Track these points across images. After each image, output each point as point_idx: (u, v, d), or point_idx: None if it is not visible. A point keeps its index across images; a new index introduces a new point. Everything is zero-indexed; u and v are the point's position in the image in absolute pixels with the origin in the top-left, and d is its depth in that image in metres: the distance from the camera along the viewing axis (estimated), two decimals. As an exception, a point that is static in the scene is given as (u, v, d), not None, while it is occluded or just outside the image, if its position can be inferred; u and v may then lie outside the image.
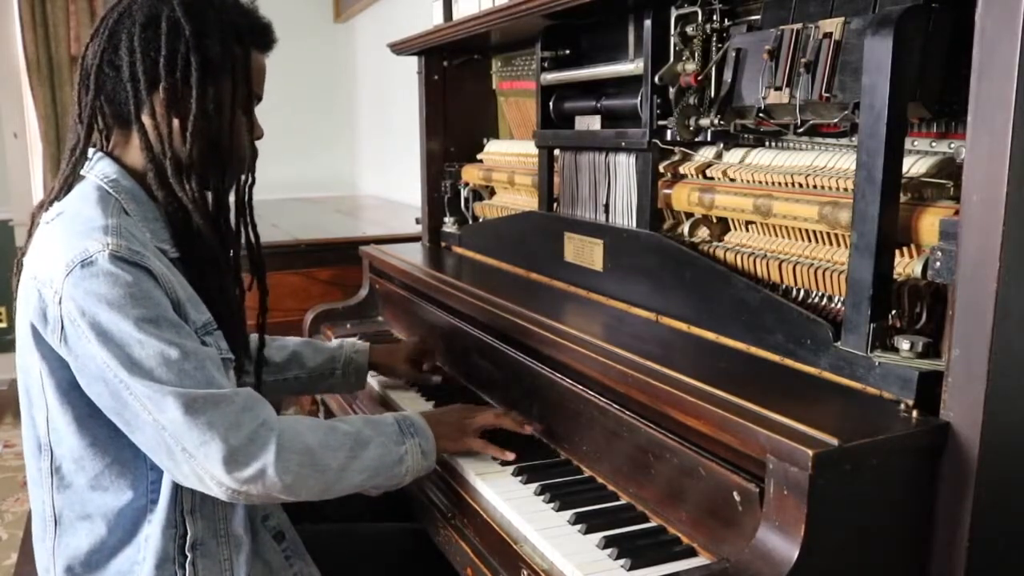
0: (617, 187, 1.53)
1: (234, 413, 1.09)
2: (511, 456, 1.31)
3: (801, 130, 1.17)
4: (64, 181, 1.21)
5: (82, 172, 1.21)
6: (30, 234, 1.22)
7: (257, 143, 1.30)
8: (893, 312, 1.01)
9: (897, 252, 1.02)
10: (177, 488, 1.15)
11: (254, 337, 1.44)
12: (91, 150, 1.22)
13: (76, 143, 1.21)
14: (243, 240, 1.34)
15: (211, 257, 1.22)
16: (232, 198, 1.29)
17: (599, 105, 1.62)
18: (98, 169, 1.20)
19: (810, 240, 1.18)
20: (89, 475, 1.16)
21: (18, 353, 1.19)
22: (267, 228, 1.42)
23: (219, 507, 1.20)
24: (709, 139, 1.37)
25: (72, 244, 1.09)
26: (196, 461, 1.07)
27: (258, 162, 1.32)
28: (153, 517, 1.17)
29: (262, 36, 1.26)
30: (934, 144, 1.05)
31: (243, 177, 1.31)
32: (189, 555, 1.17)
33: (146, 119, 1.17)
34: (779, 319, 1.13)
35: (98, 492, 1.17)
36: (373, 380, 1.75)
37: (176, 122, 1.17)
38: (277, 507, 1.33)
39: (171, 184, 1.18)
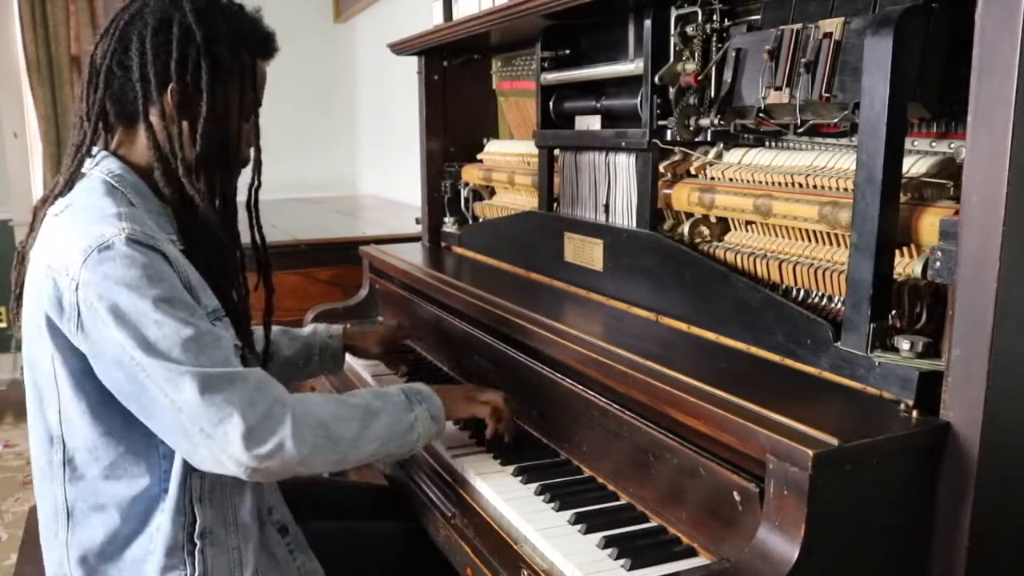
0: (617, 187, 1.52)
1: (249, 391, 1.10)
2: (508, 438, 1.36)
3: (801, 130, 1.17)
4: (69, 177, 1.23)
5: (85, 170, 1.23)
6: (32, 228, 1.23)
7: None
8: (893, 312, 1.01)
9: (897, 252, 1.02)
10: (187, 476, 1.17)
11: (257, 333, 1.45)
12: (95, 148, 1.24)
13: (82, 140, 1.23)
14: (249, 240, 1.37)
15: (216, 252, 1.25)
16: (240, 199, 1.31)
17: (599, 105, 1.62)
18: (103, 166, 1.22)
19: (810, 240, 1.18)
20: (103, 464, 1.17)
21: (26, 347, 1.20)
22: (267, 228, 1.44)
23: (227, 496, 1.21)
24: (709, 139, 1.37)
25: (88, 231, 1.11)
26: (214, 442, 1.08)
27: (258, 163, 1.33)
28: (164, 505, 1.18)
29: (266, 44, 1.30)
30: (934, 144, 1.05)
31: (251, 181, 1.33)
32: (198, 543, 1.18)
33: (154, 118, 1.20)
34: (779, 319, 1.13)
35: (111, 481, 1.18)
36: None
37: (185, 124, 1.20)
38: (280, 501, 1.34)
39: (180, 181, 1.21)
